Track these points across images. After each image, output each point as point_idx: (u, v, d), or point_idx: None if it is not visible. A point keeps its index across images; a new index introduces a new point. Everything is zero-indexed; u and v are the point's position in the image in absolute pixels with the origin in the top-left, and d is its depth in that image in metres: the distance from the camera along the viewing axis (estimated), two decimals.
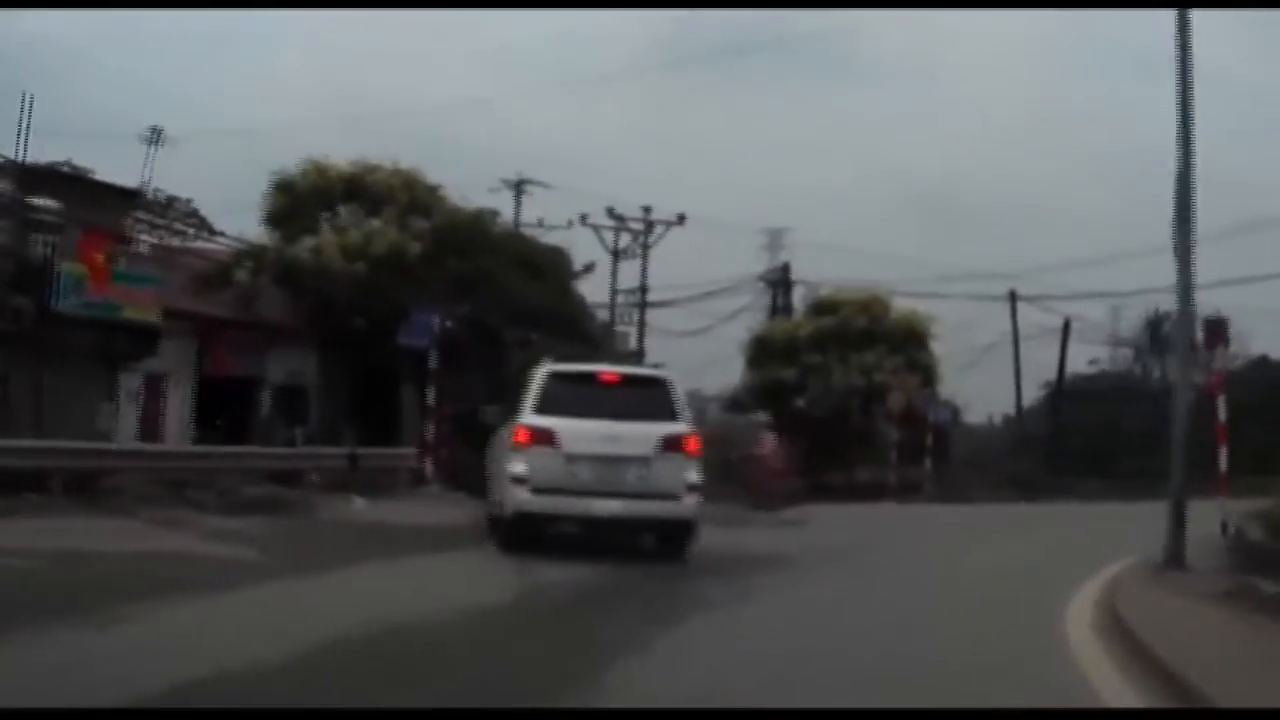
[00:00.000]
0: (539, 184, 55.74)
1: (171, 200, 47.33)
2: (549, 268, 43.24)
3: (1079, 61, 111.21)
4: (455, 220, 41.59)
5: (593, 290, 53.87)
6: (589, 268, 55.13)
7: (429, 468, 35.38)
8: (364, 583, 15.63)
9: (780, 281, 57.34)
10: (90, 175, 35.71)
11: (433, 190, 42.90)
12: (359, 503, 28.57)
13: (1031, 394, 64.16)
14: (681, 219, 55.81)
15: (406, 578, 16.55)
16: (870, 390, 49.41)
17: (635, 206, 55.99)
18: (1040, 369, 63.12)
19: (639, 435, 19.47)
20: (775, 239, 59.81)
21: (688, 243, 71.12)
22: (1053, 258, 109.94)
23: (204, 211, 47.22)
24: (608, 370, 21.79)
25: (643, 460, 19.36)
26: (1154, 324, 61.06)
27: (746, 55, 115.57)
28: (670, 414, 19.92)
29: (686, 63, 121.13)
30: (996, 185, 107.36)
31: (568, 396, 19.90)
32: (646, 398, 20.10)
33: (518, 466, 19.49)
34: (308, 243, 40.66)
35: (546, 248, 45.61)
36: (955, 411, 52.73)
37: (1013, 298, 57.95)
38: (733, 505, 32.30)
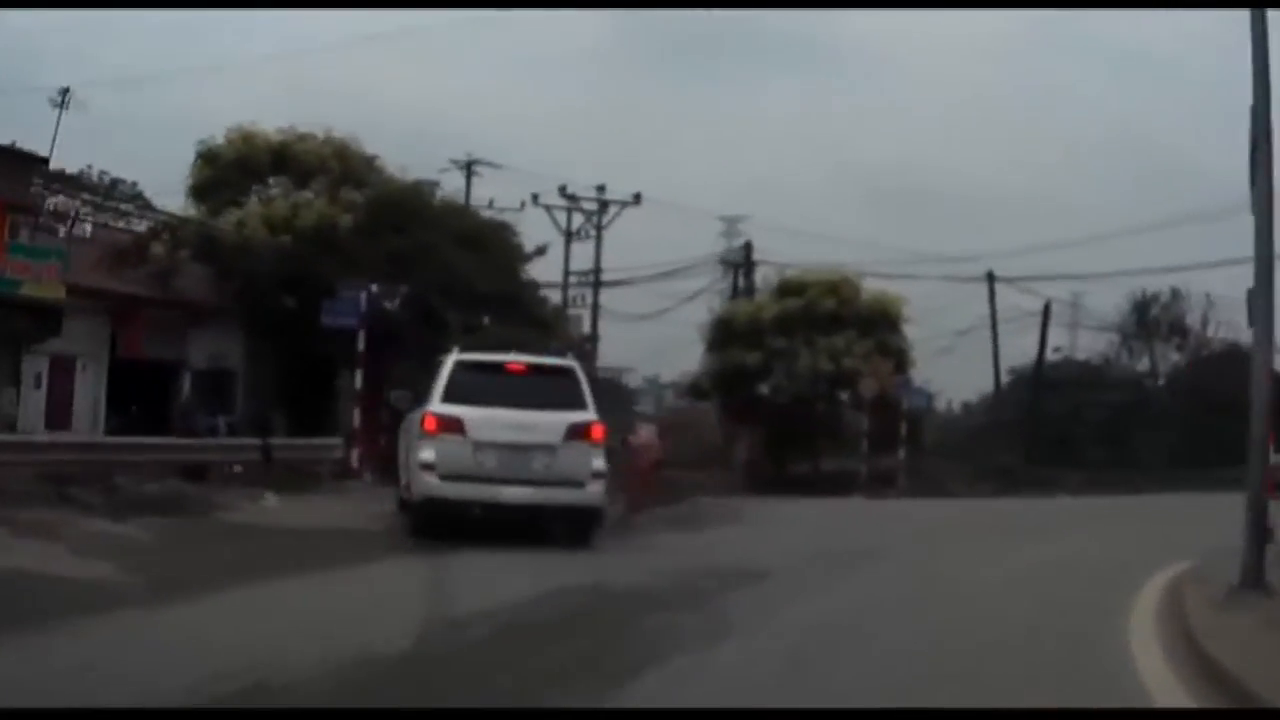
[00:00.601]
0: (489, 164, 53.58)
1: (115, 183, 45.52)
2: (493, 244, 40.08)
3: (1042, 50, 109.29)
4: (391, 192, 38.59)
5: (546, 273, 51.77)
6: (541, 250, 52.64)
7: (355, 459, 32.53)
8: (229, 615, 12.38)
9: (742, 262, 54.25)
10: None
11: (369, 161, 40.02)
12: (270, 500, 25.41)
13: (984, 383, 61.65)
14: (637, 198, 53.59)
15: (288, 605, 13.36)
16: (839, 376, 46.10)
17: (590, 187, 54.02)
18: (1003, 356, 60.04)
19: (545, 423, 19.83)
20: (732, 226, 57.00)
21: (645, 227, 69.35)
22: (1021, 242, 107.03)
23: (150, 193, 44.55)
24: (515, 360, 21.56)
25: (549, 448, 19.76)
26: (1140, 307, 58.01)
27: (706, 44, 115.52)
28: (577, 403, 20.38)
29: (647, 49, 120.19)
30: (959, 173, 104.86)
31: (476, 385, 20.27)
32: (554, 387, 20.60)
33: (426, 454, 19.79)
34: (234, 215, 37.98)
35: (490, 222, 42.42)
36: (930, 398, 49.44)
37: (990, 279, 54.87)
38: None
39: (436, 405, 20.15)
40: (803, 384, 46.96)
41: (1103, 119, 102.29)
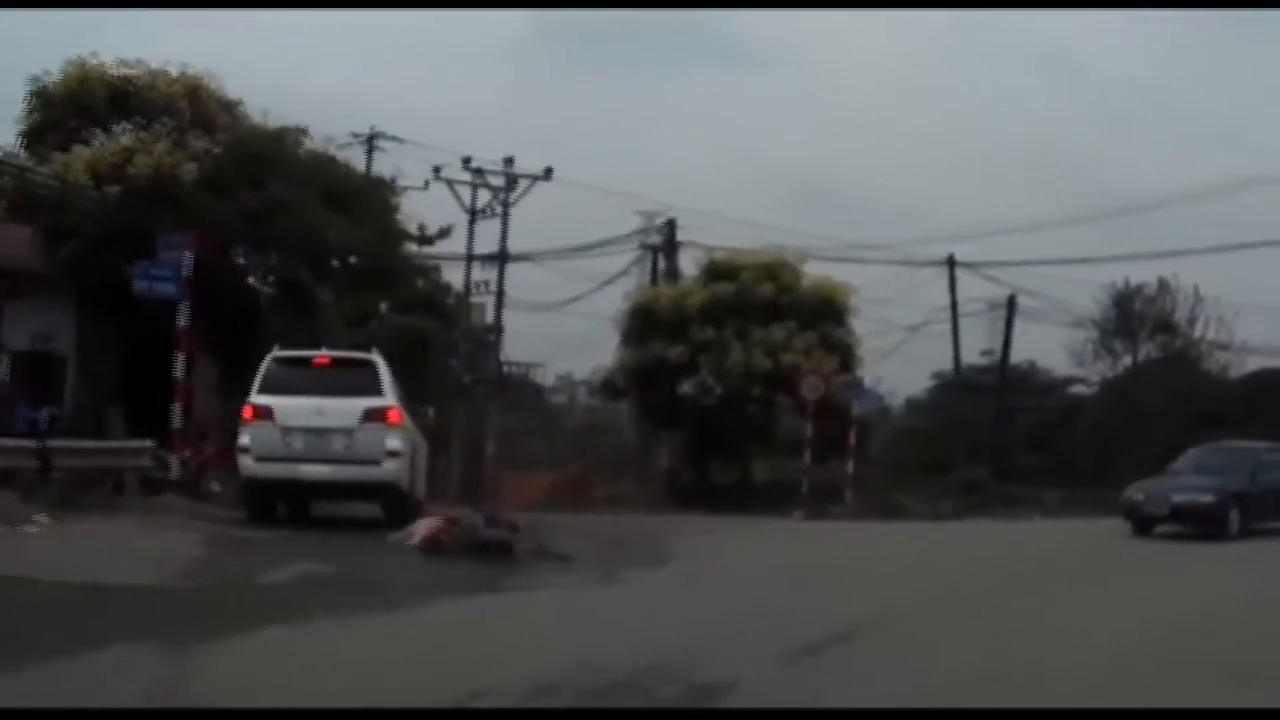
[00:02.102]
0: (393, 138, 49.36)
1: None
2: (369, 205, 34.07)
3: (963, 50, 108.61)
4: (245, 139, 32.21)
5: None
6: (445, 231, 49.08)
7: (175, 468, 26.37)
8: None
9: (664, 243, 48.06)
10: None
11: (228, 105, 33.54)
12: (37, 525, 18.81)
13: (920, 385, 56.50)
14: (548, 173, 48.67)
15: None
16: (776, 374, 39.63)
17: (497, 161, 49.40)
18: (932, 360, 54.78)
19: (344, 409, 22.21)
20: (651, 219, 49.81)
21: (560, 216, 65.37)
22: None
23: None
24: (322, 354, 24.31)
25: (347, 431, 22.15)
26: (1121, 299, 52.03)
27: (624, 40, 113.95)
28: (376, 390, 22.75)
29: (565, 43, 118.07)
30: (882, 174, 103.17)
31: (287, 377, 22.71)
32: (355, 377, 22.90)
33: (243, 439, 22.30)
34: (56, 161, 31.71)
35: (365, 178, 36.14)
36: (882, 401, 43.08)
37: (951, 264, 48.84)
38: None
39: (253, 396, 22.55)
40: (733, 382, 40.52)
41: (1022, 119, 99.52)
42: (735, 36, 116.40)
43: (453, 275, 50.74)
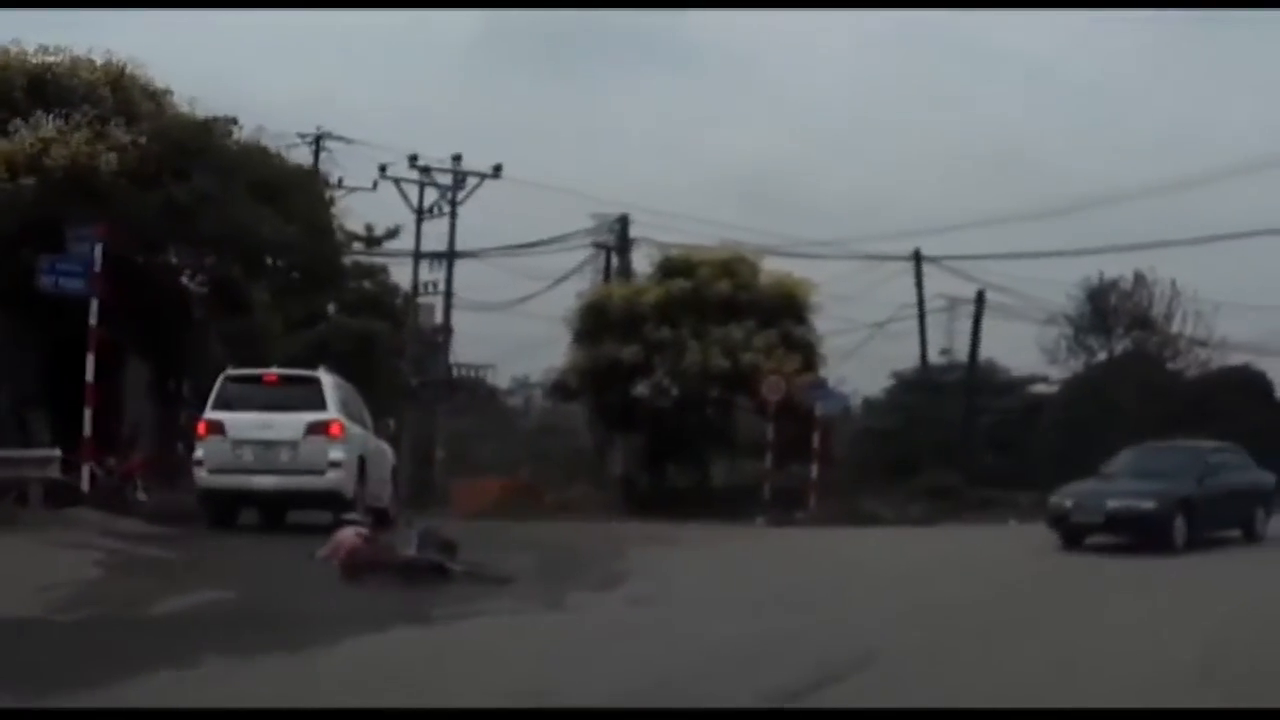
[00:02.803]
0: (340, 139, 48.49)
1: None
2: (301, 198, 32.26)
3: (914, 51, 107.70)
4: (170, 128, 30.17)
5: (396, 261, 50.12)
6: (393, 232, 50.30)
7: (86, 478, 24.69)
8: None
9: (616, 240, 46.25)
10: None
11: (154, 94, 31.52)
12: None
13: (880, 385, 54.64)
14: (497, 171, 48.19)
15: None
16: (735, 374, 37.88)
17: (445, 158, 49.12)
18: (893, 360, 53.67)
19: (289, 423, 23.74)
20: (604, 220, 48.36)
21: (512, 216, 64.17)
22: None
23: None
24: (272, 372, 25.61)
25: (292, 443, 23.66)
26: (1095, 294, 50.28)
27: (581, 44, 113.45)
28: (319, 405, 24.08)
29: (518, 46, 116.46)
30: (835, 177, 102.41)
31: (239, 394, 24.31)
32: (300, 392, 24.32)
33: (199, 452, 24.02)
34: None
35: (297, 170, 34.32)
36: (846, 401, 41.21)
37: (917, 258, 47.09)
38: None
39: (207, 412, 24.29)
40: (690, 383, 38.75)
41: (982, 119, 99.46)
42: (692, 40, 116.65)
43: (402, 276, 49.74)
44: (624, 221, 46.31)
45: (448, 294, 49.07)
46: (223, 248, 30.56)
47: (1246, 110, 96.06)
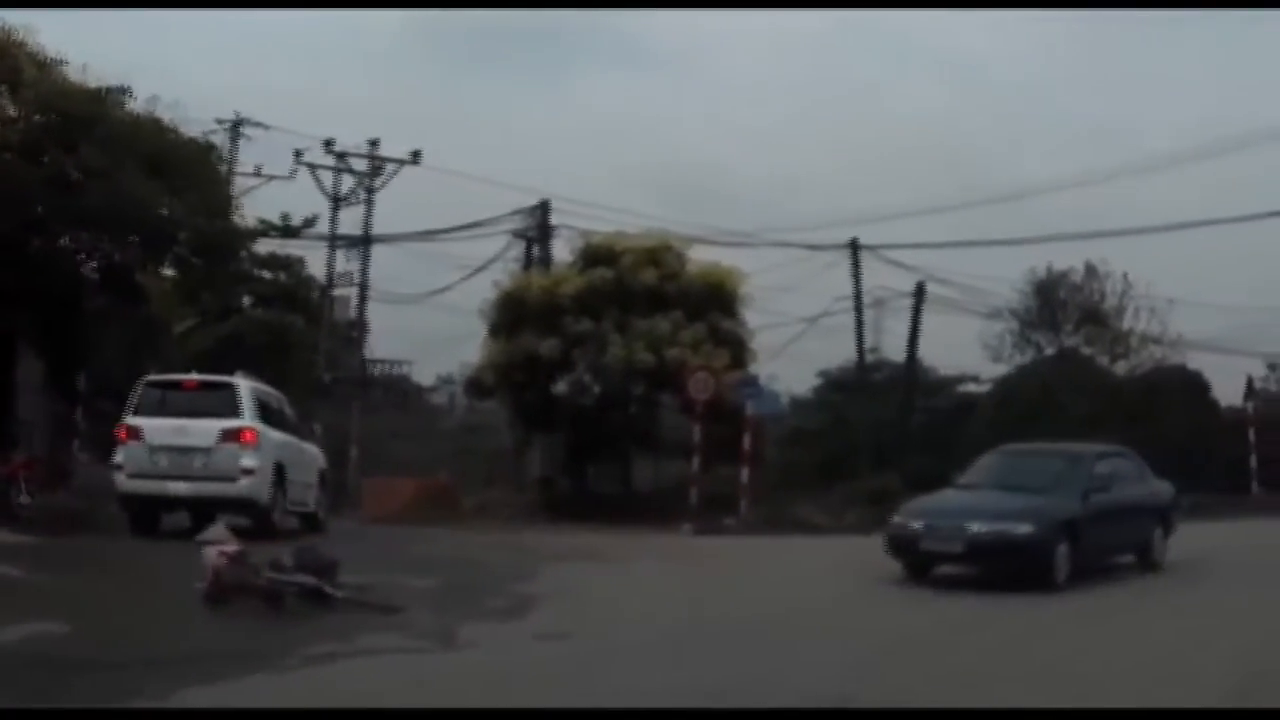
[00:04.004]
0: (258, 124, 47.11)
1: None
2: (198, 175, 29.95)
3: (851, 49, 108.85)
4: (54, 97, 27.64)
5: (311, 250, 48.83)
6: (310, 222, 48.46)
7: None
8: None
9: (536, 227, 43.86)
10: None
11: (45, 65, 28.90)
12: None
13: (809, 384, 52.32)
14: (416, 157, 45.97)
15: None
16: (660, 370, 35.43)
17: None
18: (823, 357, 51.28)
19: (204, 429, 23.99)
20: (532, 213, 45.56)
21: (435, 207, 62.15)
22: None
23: None
24: (189, 378, 25.75)
25: (206, 450, 23.91)
26: (1044, 287, 48.14)
27: (510, 40, 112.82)
28: (235, 412, 24.41)
29: (450, 41, 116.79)
30: (771, 173, 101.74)
31: (157, 400, 24.62)
32: (216, 399, 24.66)
33: (118, 458, 24.22)
34: None
35: (193, 144, 31.91)
36: (779, 400, 38.77)
37: (854, 247, 44.80)
38: None
39: (128, 418, 24.31)
40: (613, 380, 36.28)
41: (912, 118, 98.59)
42: (622, 34, 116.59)
43: (320, 268, 47.80)
44: (544, 207, 43.84)
45: (363, 285, 46.80)
46: (114, 227, 28.53)
47: (1171, 107, 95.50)
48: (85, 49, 44.43)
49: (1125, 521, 21.64)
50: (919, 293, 45.31)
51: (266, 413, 25.49)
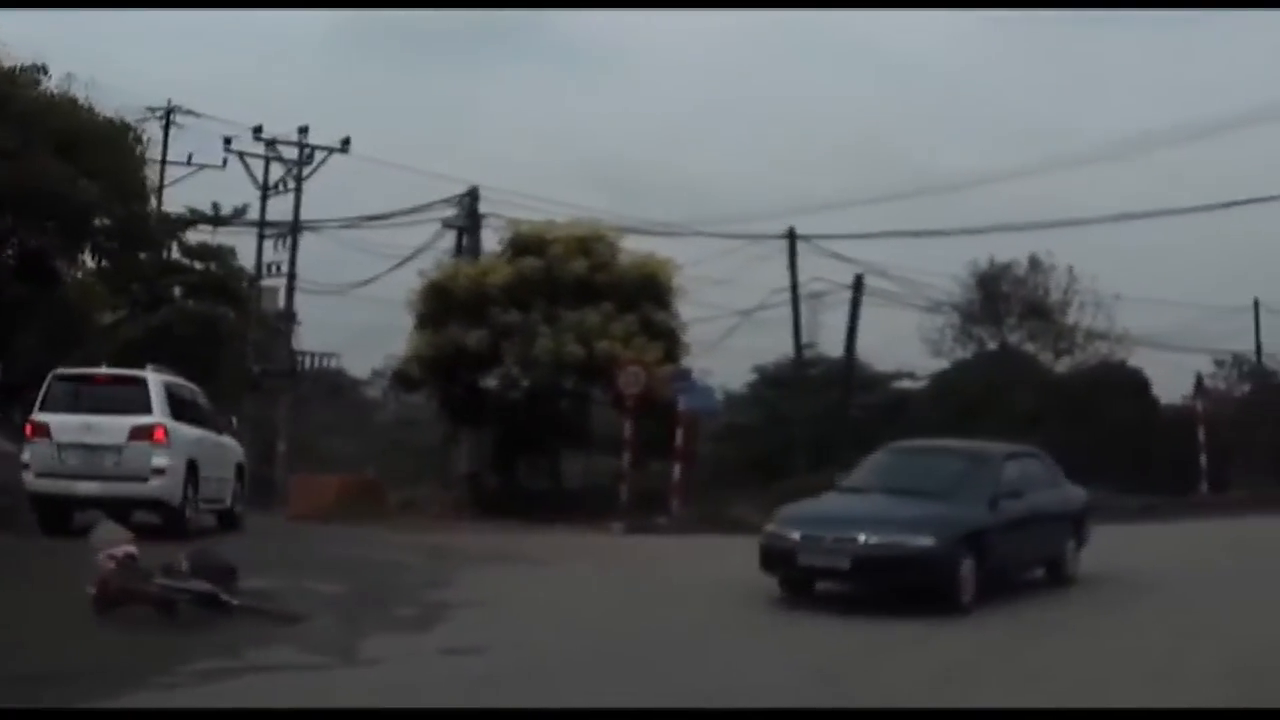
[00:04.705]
0: (190, 113, 46.35)
1: None
2: (114, 158, 28.89)
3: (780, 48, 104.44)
4: None
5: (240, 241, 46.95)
6: (240, 211, 47.44)
7: None
8: None
9: (465, 215, 42.75)
10: None
11: None
12: None
13: (742, 379, 51.13)
14: (345, 144, 44.77)
15: None
16: (590, 364, 34.36)
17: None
18: (758, 351, 49.93)
19: (114, 427, 23.02)
20: (462, 201, 44.45)
21: (366, 198, 61.53)
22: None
23: None
24: (100, 372, 24.89)
25: (116, 448, 22.92)
26: (986, 281, 47.32)
27: (446, 37, 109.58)
28: (145, 408, 23.38)
29: (385, 38, 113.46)
30: (706, 168, 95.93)
31: (66, 395, 23.73)
32: (127, 394, 23.60)
33: (25, 455, 23.35)
34: None
35: (108, 123, 30.84)
36: (713, 395, 37.65)
37: (791, 237, 43.81)
38: None
39: (35, 414, 23.53)
40: (542, 373, 35.18)
41: (848, 114, 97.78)
42: (563, 33, 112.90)
43: (249, 259, 46.67)
44: (473, 195, 42.73)
45: (291, 275, 45.66)
46: (26, 211, 27.97)
47: (1109, 103, 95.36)
48: (8, 32, 43.81)
49: (1037, 532, 18.91)
50: (857, 286, 44.36)
51: (179, 407, 24.42)
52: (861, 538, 16.70)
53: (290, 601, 15.55)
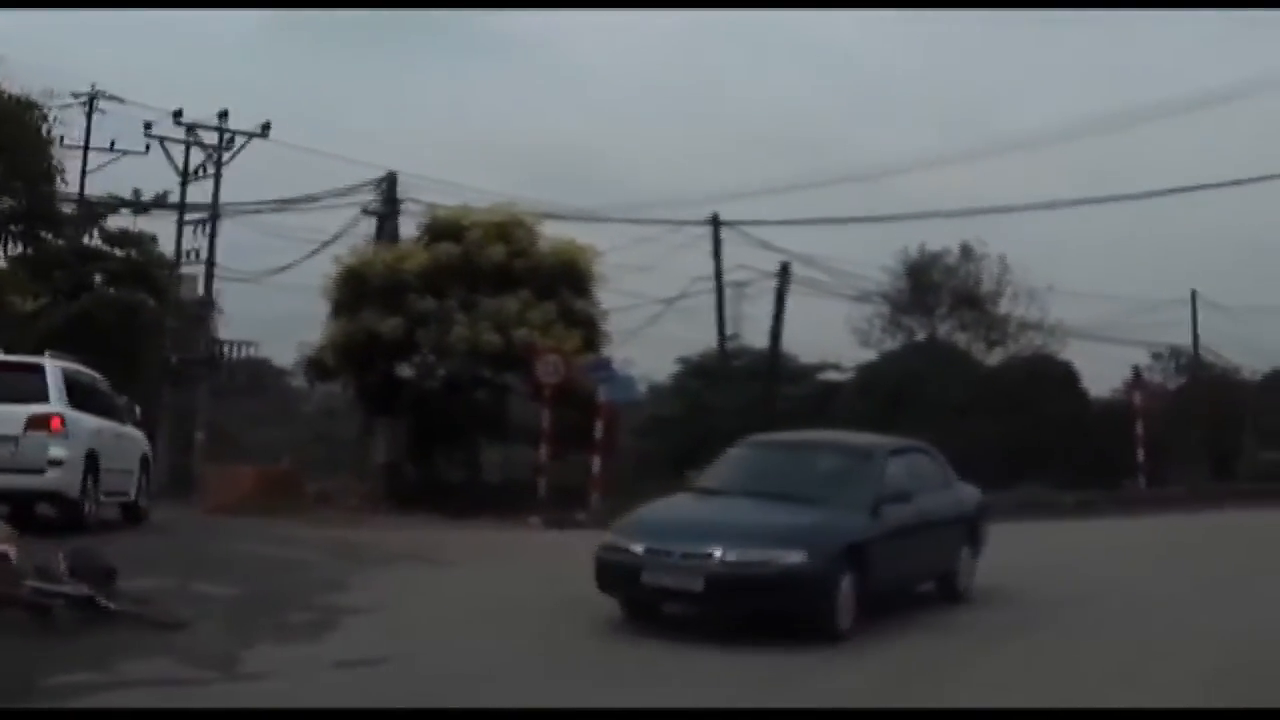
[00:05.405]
0: (114, 98, 45.07)
1: None
2: (13, 130, 27.96)
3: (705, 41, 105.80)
4: None
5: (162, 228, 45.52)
6: (161, 198, 45.87)
7: None
8: None
9: (382, 200, 41.72)
10: None
11: None
12: None
13: (667, 370, 50.39)
14: (265, 129, 43.41)
15: None
16: (508, 353, 33.48)
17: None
18: (679, 344, 49.35)
19: (9, 416, 21.74)
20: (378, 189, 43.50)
21: (289, 186, 60.26)
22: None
23: None
24: None
25: (12, 439, 21.67)
26: (916, 269, 46.65)
27: (377, 28, 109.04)
28: (42, 396, 22.24)
29: (312, 29, 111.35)
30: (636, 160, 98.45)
31: None
32: (23, 382, 22.40)
33: None
34: None
35: (13, 101, 29.86)
36: (633, 385, 36.71)
37: (715, 223, 43.01)
38: None
39: None
40: (458, 362, 34.34)
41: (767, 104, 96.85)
42: (488, 24, 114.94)
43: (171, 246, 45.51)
44: (391, 180, 41.79)
45: (210, 262, 44.38)
46: None
47: (1033, 92, 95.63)
48: None
49: (928, 541, 16.28)
50: (783, 274, 43.63)
51: (80, 396, 23.34)
52: (718, 553, 13.93)
53: (175, 605, 14.57)
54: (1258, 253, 68.03)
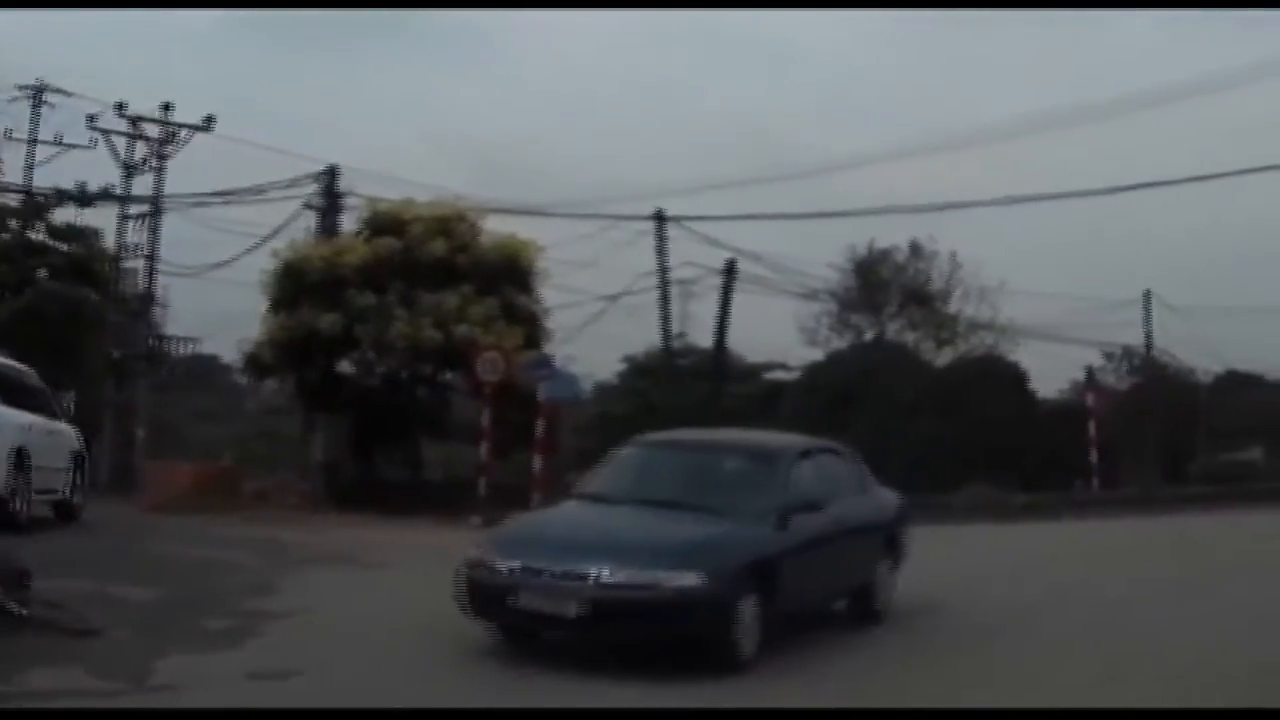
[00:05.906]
0: (60, 91, 45.06)
1: None
2: None
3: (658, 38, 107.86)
4: None
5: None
6: (106, 191, 44.76)
7: None
8: None
9: (323, 193, 41.09)
10: None
11: None
12: None
13: (612, 368, 50.59)
14: (209, 122, 42.74)
15: None
16: (449, 349, 32.88)
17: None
18: (625, 341, 49.05)
19: None
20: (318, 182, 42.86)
21: (233, 178, 59.59)
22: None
23: None
24: None
25: None
26: (865, 266, 46.17)
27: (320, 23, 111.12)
28: None
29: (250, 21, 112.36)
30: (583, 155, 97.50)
31: None
32: None
33: None
34: None
35: None
36: (577, 385, 36.19)
37: (659, 219, 42.44)
38: None
39: None
40: (398, 359, 33.84)
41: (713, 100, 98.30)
42: (431, 20, 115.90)
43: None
44: (332, 173, 41.16)
45: (151, 256, 43.89)
46: None
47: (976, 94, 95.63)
48: None
49: (841, 554, 14.73)
50: (729, 271, 43.06)
51: (8, 391, 22.88)
52: (599, 572, 12.30)
53: (91, 610, 14.04)
54: (1213, 253, 68.12)
